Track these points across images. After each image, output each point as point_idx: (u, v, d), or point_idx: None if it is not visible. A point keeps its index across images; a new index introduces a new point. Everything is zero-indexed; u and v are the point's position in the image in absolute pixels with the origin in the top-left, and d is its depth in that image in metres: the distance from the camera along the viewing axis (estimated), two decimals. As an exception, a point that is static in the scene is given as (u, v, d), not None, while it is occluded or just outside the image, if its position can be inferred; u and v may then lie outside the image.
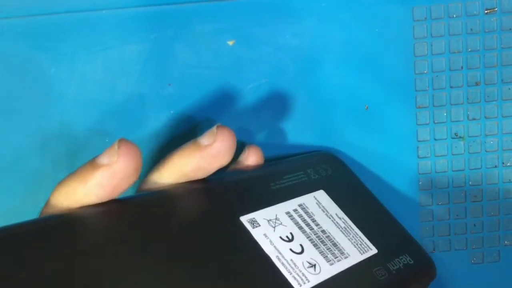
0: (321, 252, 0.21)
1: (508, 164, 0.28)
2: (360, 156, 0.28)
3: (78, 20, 0.25)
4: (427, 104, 0.27)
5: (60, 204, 0.18)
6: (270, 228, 0.21)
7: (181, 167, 0.20)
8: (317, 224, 0.22)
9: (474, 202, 0.28)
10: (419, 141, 0.28)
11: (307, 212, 0.22)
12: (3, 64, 0.25)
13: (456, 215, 0.28)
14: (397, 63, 0.27)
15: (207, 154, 0.20)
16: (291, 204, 0.22)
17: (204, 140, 0.21)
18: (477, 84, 0.27)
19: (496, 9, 0.27)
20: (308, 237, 0.21)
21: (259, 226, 0.20)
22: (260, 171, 0.24)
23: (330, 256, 0.21)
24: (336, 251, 0.21)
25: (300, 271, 0.20)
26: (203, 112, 0.26)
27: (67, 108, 0.26)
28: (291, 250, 0.20)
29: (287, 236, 0.21)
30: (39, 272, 0.15)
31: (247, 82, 0.26)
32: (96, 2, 0.25)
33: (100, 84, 0.26)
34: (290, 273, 0.19)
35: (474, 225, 0.28)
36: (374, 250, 0.23)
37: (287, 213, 0.22)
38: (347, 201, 0.24)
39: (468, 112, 0.28)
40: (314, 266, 0.20)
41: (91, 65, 0.26)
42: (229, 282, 0.18)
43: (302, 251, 0.21)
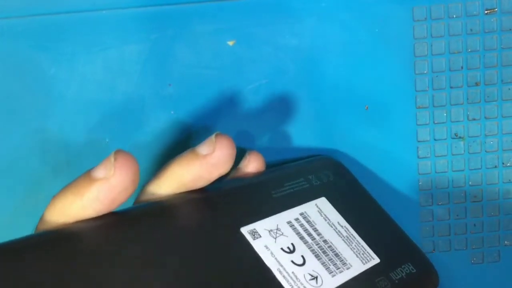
0: (323, 263, 0.21)
1: (508, 164, 0.28)
2: (360, 156, 0.28)
3: (78, 20, 0.25)
4: (427, 104, 0.27)
5: (55, 219, 0.17)
6: (271, 239, 0.20)
7: (179, 177, 0.20)
8: (318, 234, 0.22)
9: (474, 202, 0.28)
10: (419, 141, 0.28)
11: (308, 221, 0.22)
12: (3, 64, 0.25)
13: (456, 215, 0.28)
14: (397, 63, 0.27)
15: (206, 163, 0.20)
16: (292, 213, 0.22)
17: (203, 149, 0.20)
18: (477, 84, 0.27)
19: (496, 9, 0.27)
20: (309, 247, 0.21)
21: (260, 237, 0.20)
22: (261, 179, 0.23)
23: (332, 268, 0.21)
24: (338, 262, 0.21)
25: (302, 284, 0.19)
26: (203, 112, 0.26)
27: (67, 108, 0.26)
28: (292, 262, 0.20)
29: (288, 247, 0.20)
30: None
31: (247, 82, 0.26)
32: (96, 2, 0.25)
33: (100, 84, 0.26)
34: (292, 286, 0.19)
35: (474, 225, 0.28)
36: (376, 260, 0.22)
37: (289, 222, 0.21)
38: (349, 208, 0.24)
39: (468, 112, 0.28)
40: (316, 278, 0.20)
41: (91, 65, 0.26)
42: None
43: (304, 263, 0.20)
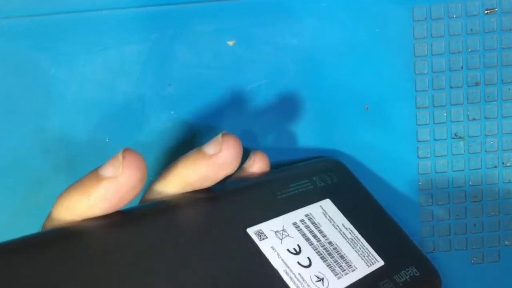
0: (328, 265, 0.20)
1: (508, 164, 0.28)
2: (360, 156, 0.28)
3: (78, 20, 0.25)
4: (427, 104, 0.27)
5: (62, 217, 0.17)
6: (277, 240, 0.20)
7: (186, 177, 0.20)
8: (324, 236, 0.22)
9: (474, 202, 0.28)
10: (419, 141, 0.28)
11: (314, 223, 0.22)
12: (3, 64, 0.25)
13: (456, 215, 0.28)
14: (397, 63, 0.27)
15: (213, 163, 0.20)
16: (297, 214, 0.22)
17: (210, 149, 0.20)
18: (477, 84, 0.27)
19: (496, 9, 0.27)
20: (315, 249, 0.21)
21: (266, 238, 0.20)
22: (266, 180, 0.23)
23: (337, 269, 0.21)
24: (343, 264, 0.21)
25: (308, 286, 0.19)
26: (204, 112, 0.26)
27: (67, 108, 0.26)
28: (298, 263, 0.20)
29: (294, 249, 0.20)
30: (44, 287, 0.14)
31: (247, 82, 0.26)
32: (96, 2, 0.25)
33: (100, 84, 0.26)
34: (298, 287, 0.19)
35: (474, 225, 0.28)
36: (381, 262, 0.22)
37: (294, 224, 0.21)
38: (353, 210, 0.24)
39: (468, 112, 0.28)
40: (322, 280, 0.20)
41: (91, 65, 0.26)
42: None
43: (310, 265, 0.20)
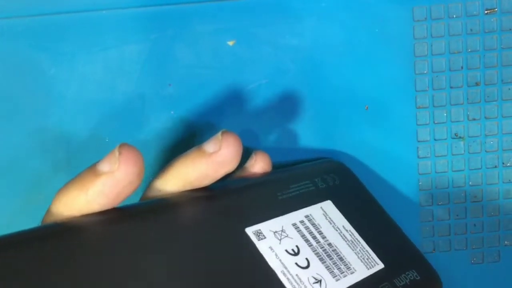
0: (327, 267, 0.20)
1: (508, 164, 0.28)
2: (360, 156, 0.28)
3: (78, 20, 0.25)
4: (427, 104, 0.27)
5: (61, 212, 0.17)
6: (276, 241, 0.20)
7: (185, 175, 0.20)
8: (323, 237, 0.22)
9: (474, 202, 0.28)
10: (419, 141, 0.28)
11: (313, 224, 0.22)
12: (3, 64, 0.25)
13: (456, 215, 0.28)
14: (397, 63, 0.27)
15: (212, 161, 0.20)
16: (297, 215, 0.22)
17: (209, 147, 0.20)
18: (477, 84, 0.27)
19: (496, 9, 0.27)
20: (314, 250, 0.21)
21: (265, 238, 0.20)
22: (267, 180, 0.23)
23: (336, 271, 0.20)
24: (342, 266, 0.21)
25: (305, 287, 0.19)
26: (203, 112, 0.26)
27: (67, 108, 0.26)
28: (296, 264, 0.20)
29: (292, 250, 0.20)
30: (40, 282, 0.14)
31: (247, 82, 0.26)
32: (96, 2, 0.25)
33: (100, 84, 0.26)
34: None
35: (474, 225, 0.28)
36: (381, 265, 0.22)
37: (294, 224, 0.21)
38: (354, 212, 0.24)
39: (468, 112, 0.28)
40: (320, 282, 0.20)
41: (91, 65, 0.26)
42: None
43: (308, 266, 0.20)
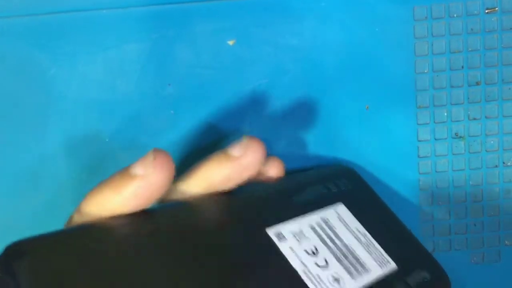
0: (344, 267, 0.21)
1: (509, 164, 0.28)
2: (360, 156, 0.28)
3: (78, 20, 0.25)
4: (427, 104, 0.27)
5: (92, 212, 0.18)
6: (296, 242, 0.20)
7: (210, 178, 0.21)
8: (339, 238, 0.22)
9: (474, 202, 0.28)
10: (419, 141, 0.28)
11: (329, 226, 0.22)
12: (3, 64, 0.25)
13: (456, 215, 0.28)
14: (397, 63, 0.27)
15: (237, 165, 0.20)
16: (314, 218, 0.22)
17: (235, 151, 0.21)
18: (477, 83, 0.27)
19: (496, 8, 0.27)
20: (331, 251, 0.21)
21: (285, 239, 0.20)
22: (283, 184, 0.23)
23: (353, 271, 0.21)
24: (358, 266, 0.21)
25: (326, 286, 0.20)
26: (203, 112, 0.26)
27: (67, 108, 0.26)
28: (316, 264, 0.20)
29: (311, 250, 0.21)
30: (78, 278, 0.15)
31: (247, 82, 0.26)
32: (96, 2, 0.25)
33: (100, 84, 0.26)
34: (317, 287, 0.19)
35: (474, 225, 0.28)
36: (394, 266, 0.22)
37: (311, 226, 0.22)
38: (366, 215, 0.24)
39: (469, 112, 0.27)
40: (339, 280, 0.20)
41: (91, 65, 0.26)
42: None
43: (327, 266, 0.20)
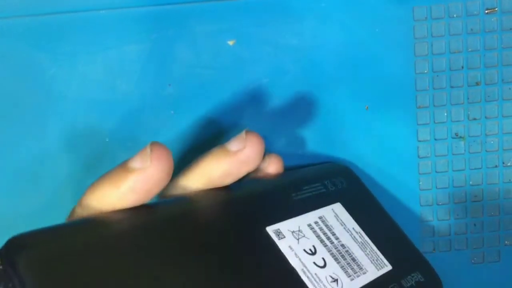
0: (342, 267, 0.21)
1: (509, 164, 0.28)
2: (360, 156, 0.28)
3: (78, 20, 0.25)
4: (427, 104, 0.27)
5: (93, 206, 0.18)
6: (294, 240, 0.20)
7: (209, 173, 0.20)
8: (336, 238, 0.22)
9: (474, 202, 0.28)
10: (419, 141, 0.28)
11: (327, 225, 0.22)
12: (3, 64, 0.25)
13: (456, 215, 0.28)
14: (397, 63, 0.27)
15: (236, 160, 0.20)
16: (312, 216, 0.22)
17: (233, 145, 0.20)
18: (477, 84, 0.27)
19: (496, 9, 0.27)
20: (329, 251, 0.21)
21: (284, 237, 0.20)
22: (282, 181, 0.23)
23: (350, 271, 0.21)
24: (355, 267, 0.21)
25: (324, 286, 0.20)
26: (203, 112, 0.26)
27: (67, 108, 0.26)
28: (314, 263, 0.20)
29: (310, 249, 0.21)
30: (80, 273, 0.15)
31: (247, 82, 0.26)
32: (96, 2, 0.25)
33: (100, 84, 0.26)
34: (315, 287, 0.19)
35: (474, 225, 0.28)
36: (389, 267, 0.22)
37: (309, 225, 0.22)
38: (361, 215, 0.24)
39: (469, 112, 0.27)
40: (337, 280, 0.20)
41: (91, 65, 0.26)
42: None
43: (325, 265, 0.20)
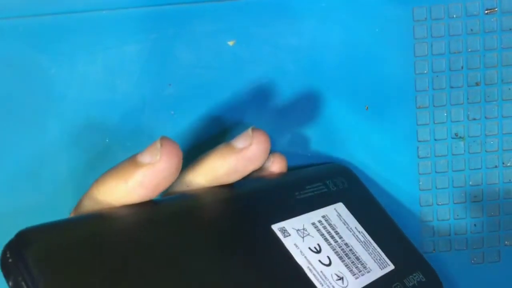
0: (346, 265, 0.21)
1: (508, 164, 0.28)
2: (360, 156, 0.28)
3: (78, 20, 0.25)
4: (427, 104, 0.27)
5: (100, 200, 0.18)
6: (299, 238, 0.20)
7: (214, 170, 0.20)
8: (340, 237, 0.22)
9: (474, 202, 0.28)
10: (419, 141, 0.28)
11: (330, 224, 0.22)
12: (3, 64, 0.25)
13: (456, 215, 0.28)
14: (397, 63, 0.27)
15: (242, 157, 0.20)
16: (315, 215, 0.22)
17: (240, 143, 0.20)
18: (477, 84, 0.27)
19: (496, 9, 0.27)
20: (333, 249, 0.21)
21: (290, 235, 0.20)
22: (285, 180, 0.23)
23: (355, 270, 0.21)
24: (359, 265, 0.21)
25: (330, 284, 0.20)
26: (203, 113, 0.26)
27: (67, 108, 0.26)
28: (320, 261, 0.20)
29: (315, 247, 0.21)
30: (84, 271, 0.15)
31: (247, 82, 0.26)
32: (96, 2, 0.25)
33: (100, 84, 0.26)
34: (322, 285, 0.19)
35: (474, 225, 0.28)
36: (391, 266, 0.23)
37: (313, 224, 0.22)
38: (362, 215, 0.24)
39: (468, 112, 0.28)
40: (342, 279, 0.20)
41: (91, 65, 0.26)
42: None
43: (330, 263, 0.20)
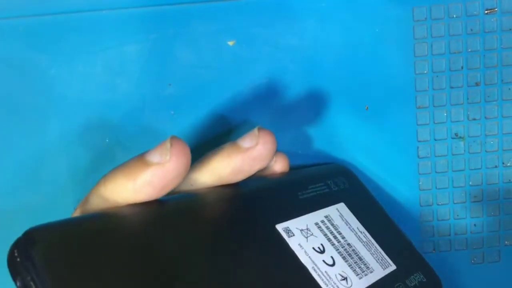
0: (349, 266, 0.21)
1: (508, 164, 0.28)
2: (360, 156, 0.28)
3: (78, 20, 0.25)
4: (427, 104, 0.27)
5: (106, 197, 0.17)
6: (303, 238, 0.20)
7: (220, 170, 0.20)
8: (343, 237, 0.22)
9: (474, 202, 0.28)
10: (419, 141, 0.28)
11: (333, 224, 0.22)
12: (3, 64, 0.25)
13: (456, 215, 0.28)
14: (397, 63, 0.27)
15: (248, 156, 0.20)
16: (318, 215, 0.22)
17: (246, 142, 0.20)
18: (477, 84, 0.27)
19: (496, 9, 0.27)
20: (337, 249, 0.21)
21: (294, 235, 0.20)
22: (288, 180, 0.23)
23: (358, 270, 0.21)
24: (362, 265, 0.21)
25: (335, 284, 0.20)
26: (203, 113, 0.26)
27: (67, 108, 0.26)
28: (324, 261, 0.20)
29: (319, 248, 0.21)
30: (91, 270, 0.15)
31: (247, 82, 0.26)
32: (96, 2, 0.25)
33: (100, 84, 0.26)
34: (327, 285, 0.19)
35: (474, 225, 0.28)
36: (393, 266, 0.23)
37: (316, 224, 0.22)
38: (363, 215, 0.24)
39: (468, 112, 0.28)
40: (346, 279, 0.20)
41: (91, 65, 0.26)
42: None
43: (334, 264, 0.20)
